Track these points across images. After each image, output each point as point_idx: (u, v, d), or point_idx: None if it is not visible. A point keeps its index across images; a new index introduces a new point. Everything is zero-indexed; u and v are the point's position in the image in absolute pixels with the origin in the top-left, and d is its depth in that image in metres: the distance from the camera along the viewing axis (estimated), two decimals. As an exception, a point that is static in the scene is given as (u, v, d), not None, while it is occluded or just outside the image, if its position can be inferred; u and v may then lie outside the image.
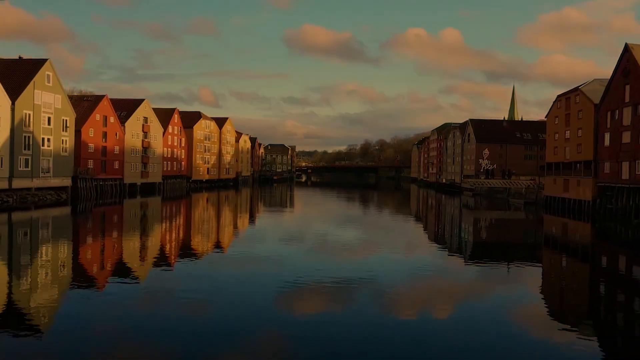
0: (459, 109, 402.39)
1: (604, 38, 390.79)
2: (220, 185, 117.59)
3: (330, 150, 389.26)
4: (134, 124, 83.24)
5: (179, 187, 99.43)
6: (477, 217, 66.82)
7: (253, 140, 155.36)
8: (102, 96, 76.62)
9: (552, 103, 75.12)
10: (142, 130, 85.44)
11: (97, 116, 74.60)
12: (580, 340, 15.72)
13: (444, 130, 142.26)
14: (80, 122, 71.79)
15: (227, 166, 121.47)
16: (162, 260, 28.74)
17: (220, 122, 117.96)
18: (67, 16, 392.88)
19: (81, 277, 23.15)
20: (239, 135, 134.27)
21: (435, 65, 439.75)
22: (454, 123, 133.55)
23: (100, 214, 58.50)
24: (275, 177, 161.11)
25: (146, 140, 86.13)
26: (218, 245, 35.14)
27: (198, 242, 36.66)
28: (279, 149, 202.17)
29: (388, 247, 35.30)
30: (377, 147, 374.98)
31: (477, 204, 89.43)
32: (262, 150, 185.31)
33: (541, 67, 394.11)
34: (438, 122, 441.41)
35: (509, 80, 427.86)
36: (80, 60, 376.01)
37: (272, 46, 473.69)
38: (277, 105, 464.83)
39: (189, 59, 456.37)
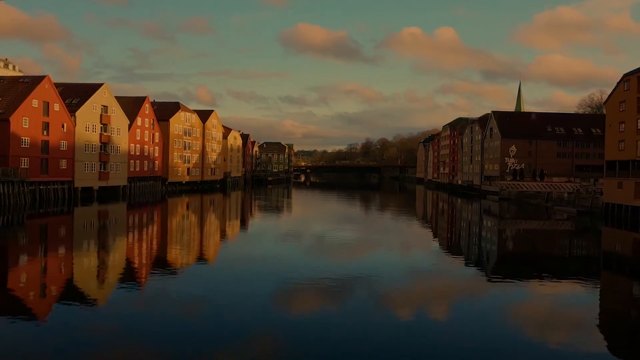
0: (457, 109, 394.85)
1: (601, 37, 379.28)
2: (204, 187, 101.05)
3: (329, 149, 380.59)
4: (88, 114, 66.59)
5: (152, 190, 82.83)
6: (512, 228, 54.81)
7: (245, 137, 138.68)
8: (42, 77, 59.98)
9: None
10: (100, 122, 68.75)
11: (34, 102, 57.92)
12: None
13: (458, 125, 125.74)
14: (9, 109, 55.19)
15: (213, 166, 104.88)
16: (121, 285, 22.94)
17: (204, 115, 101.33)
18: (62, 15, 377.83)
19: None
20: (227, 131, 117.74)
21: (432, 64, 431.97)
22: (470, 118, 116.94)
23: (39, 227, 45.39)
24: (270, 179, 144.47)
25: (105, 134, 69.45)
26: (194, 270, 27.81)
27: (171, 262, 29.91)
28: (275, 147, 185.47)
29: (405, 270, 28.91)
30: (378, 146, 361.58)
31: (505, 212, 74.26)
32: (256, 148, 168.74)
33: (538, 67, 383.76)
34: (436, 121, 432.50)
35: (506, 80, 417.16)
36: (76, 60, 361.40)
37: (269, 45, 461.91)
38: (275, 105, 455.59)
39: (187, 58, 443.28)
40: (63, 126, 62.25)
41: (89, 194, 67.20)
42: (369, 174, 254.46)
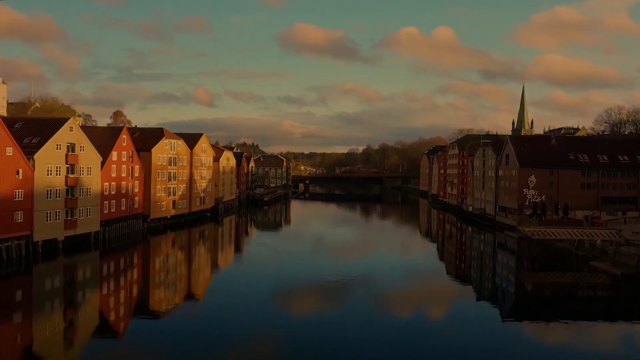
0: (456, 109, 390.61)
1: (599, 37, 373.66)
2: (193, 219, 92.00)
3: (329, 150, 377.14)
4: (50, 155, 57.28)
5: (131, 231, 73.62)
6: (539, 283, 49.83)
7: (239, 156, 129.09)
8: (-10, 118, 50.71)
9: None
10: (66, 162, 59.41)
11: (-21, 149, 48.68)
12: None
13: (468, 145, 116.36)
14: (-53, 160, 45.96)
15: (202, 194, 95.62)
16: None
17: (192, 139, 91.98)
18: (59, 15, 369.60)
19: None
20: (219, 152, 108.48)
21: (431, 64, 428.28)
22: (483, 136, 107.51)
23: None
24: (265, 199, 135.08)
25: (72, 175, 60.09)
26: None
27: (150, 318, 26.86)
28: (273, 161, 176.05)
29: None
30: (377, 148, 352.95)
31: (526, 254, 66.35)
32: (252, 164, 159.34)
33: (537, 67, 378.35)
34: (436, 121, 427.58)
35: (505, 80, 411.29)
36: (74, 60, 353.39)
37: (267, 45, 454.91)
38: (274, 105, 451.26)
39: (185, 58, 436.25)
40: (18, 172, 52.90)
41: (52, 247, 58.05)
42: (370, 184, 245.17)
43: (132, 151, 73.36)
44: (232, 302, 25.43)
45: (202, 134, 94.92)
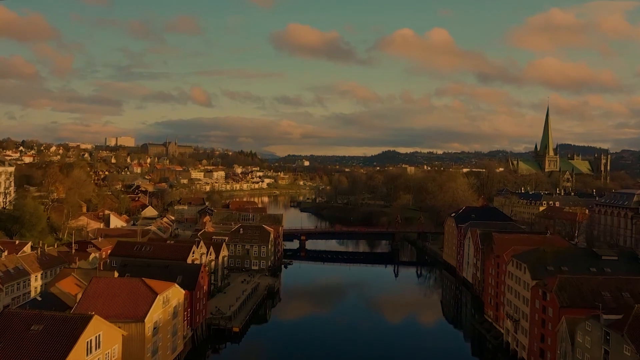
0: (453, 110, 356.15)
1: (595, 40, 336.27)
2: None
3: (329, 153, 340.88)
4: None
5: None
6: None
7: (193, 273, 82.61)
8: None
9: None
10: None
11: None
12: None
13: (554, 284, 70.10)
14: None
15: None
16: None
17: (65, 339, 46.06)
18: (48, 14, 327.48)
19: None
20: (148, 301, 63.14)
21: (426, 66, 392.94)
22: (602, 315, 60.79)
23: None
24: (235, 329, 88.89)
25: None
26: None
27: None
28: (256, 234, 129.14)
29: None
30: (384, 179, 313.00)
31: None
32: (225, 252, 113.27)
33: (533, 70, 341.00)
34: (433, 122, 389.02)
35: (501, 84, 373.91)
36: (68, 60, 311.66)
37: (261, 46, 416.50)
38: (271, 105, 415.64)
39: (181, 57, 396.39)
40: None
41: None
42: (380, 240, 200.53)
43: None
44: None
45: (90, 317, 48.99)
